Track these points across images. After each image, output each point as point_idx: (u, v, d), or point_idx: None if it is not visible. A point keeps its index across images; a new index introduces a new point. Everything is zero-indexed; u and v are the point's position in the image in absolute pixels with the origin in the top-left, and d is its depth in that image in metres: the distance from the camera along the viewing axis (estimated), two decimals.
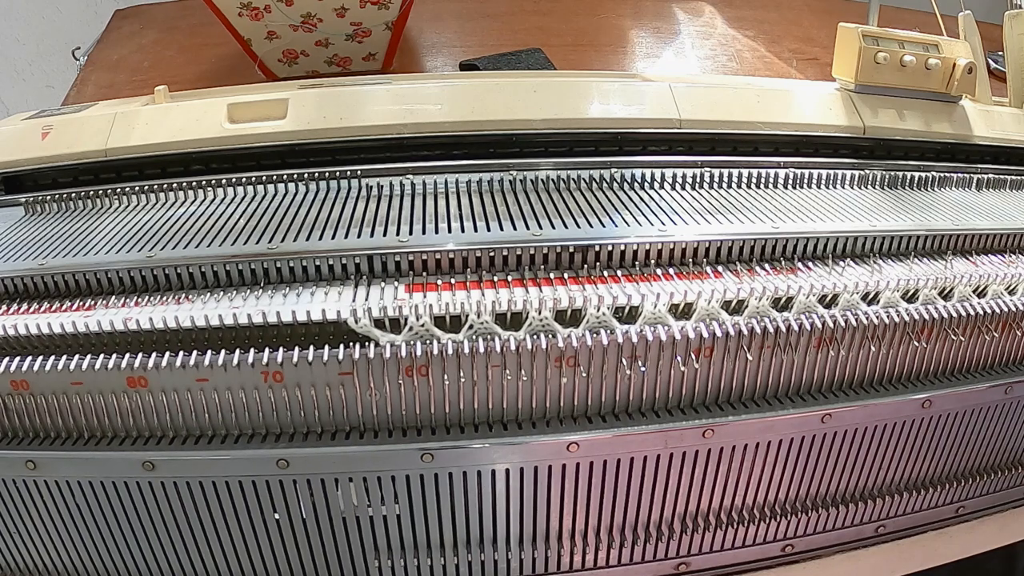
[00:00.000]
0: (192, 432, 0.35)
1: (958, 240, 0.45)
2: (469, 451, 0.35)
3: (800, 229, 0.43)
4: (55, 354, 0.35)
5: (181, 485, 0.35)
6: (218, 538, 0.37)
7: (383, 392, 0.35)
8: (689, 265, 0.42)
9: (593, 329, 0.35)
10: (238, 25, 0.77)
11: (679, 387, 0.37)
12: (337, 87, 0.55)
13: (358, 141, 0.51)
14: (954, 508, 0.45)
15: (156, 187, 0.48)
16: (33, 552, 0.38)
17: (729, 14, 1.00)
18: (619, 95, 0.54)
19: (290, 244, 0.40)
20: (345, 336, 0.35)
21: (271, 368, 0.34)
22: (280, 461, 0.34)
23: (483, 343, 0.34)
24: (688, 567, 0.41)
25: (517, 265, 0.41)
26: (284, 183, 0.48)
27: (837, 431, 0.39)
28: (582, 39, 0.94)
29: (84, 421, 0.35)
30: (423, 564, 0.38)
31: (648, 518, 0.39)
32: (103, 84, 0.87)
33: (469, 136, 0.51)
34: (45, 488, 0.36)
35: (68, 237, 0.43)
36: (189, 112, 0.52)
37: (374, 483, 0.36)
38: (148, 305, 0.38)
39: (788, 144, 0.54)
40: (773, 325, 0.36)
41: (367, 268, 0.40)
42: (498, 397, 0.36)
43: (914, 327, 0.39)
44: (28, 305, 0.39)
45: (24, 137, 0.52)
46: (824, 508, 0.41)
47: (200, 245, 0.41)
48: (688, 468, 0.38)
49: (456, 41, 0.94)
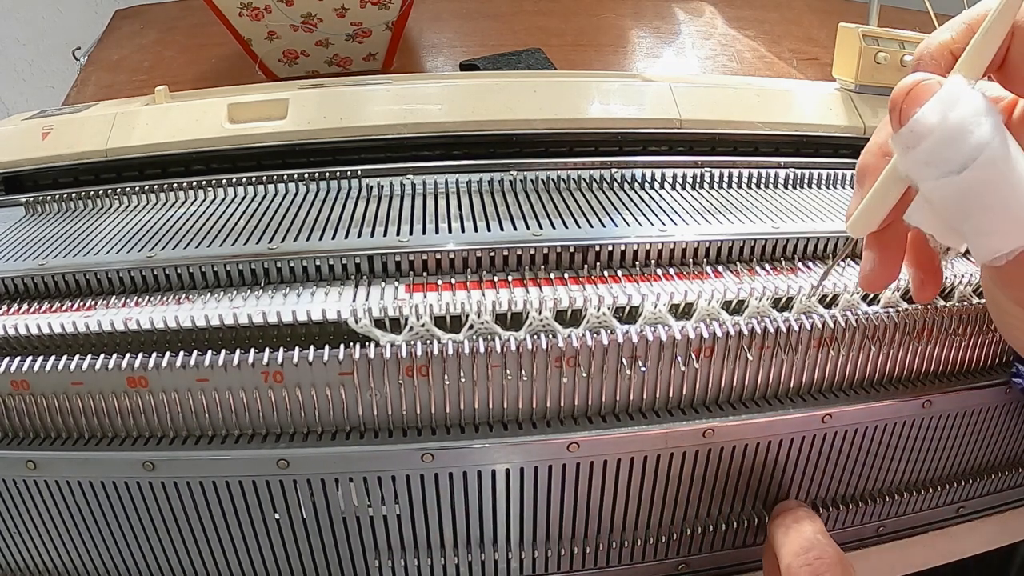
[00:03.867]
0: (192, 432, 0.35)
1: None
2: (469, 451, 0.35)
3: (800, 229, 0.43)
4: (55, 354, 0.35)
5: (181, 485, 0.35)
6: (218, 538, 0.37)
7: (383, 392, 0.35)
8: (689, 265, 0.42)
9: (593, 329, 0.35)
10: (238, 25, 0.77)
11: (679, 387, 0.37)
12: (337, 87, 0.55)
13: (358, 141, 0.51)
14: (954, 508, 0.45)
15: (156, 187, 0.48)
16: (33, 552, 0.38)
17: (729, 14, 1.00)
18: (619, 95, 0.54)
19: (290, 244, 0.41)
20: (345, 336, 0.35)
21: (271, 368, 0.34)
22: (280, 461, 0.34)
23: (483, 343, 0.34)
24: (688, 567, 0.41)
25: (517, 265, 0.41)
26: (284, 183, 0.48)
27: (837, 431, 0.39)
28: (582, 39, 0.94)
29: (84, 421, 0.35)
30: (423, 564, 0.38)
31: (648, 518, 0.39)
32: (103, 84, 0.87)
33: (469, 136, 0.51)
34: (45, 488, 0.36)
35: (68, 237, 0.43)
36: (189, 112, 0.52)
37: (374, 483, 0.36)
38: (148, 305, 0.38)
39: (788, 144, 0.54)
40: (773, 325, 0.36)
41: (367, 268, 0.40)
42: (498, 397, 0.36)
43: (914, 327, 0.39)
44: (28, 305, 0.39)
45: (24, 137, 0.52)
46: (824, 508, 0.41)
47: (200, 245, 0.41)
48: (688, 468, 0.38)
49: (456, 41, 0.94)
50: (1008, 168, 0.22)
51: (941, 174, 0.23)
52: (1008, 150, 0.23)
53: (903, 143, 0.24)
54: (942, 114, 0.23)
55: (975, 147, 0.22)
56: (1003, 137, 0.23)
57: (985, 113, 0.23)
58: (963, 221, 0.23)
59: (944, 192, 0.23)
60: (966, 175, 0.23)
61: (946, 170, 0.23)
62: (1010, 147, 0.23)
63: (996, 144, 0.22)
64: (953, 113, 0.23)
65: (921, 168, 0.24)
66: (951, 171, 0.23)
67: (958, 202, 0.23)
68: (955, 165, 0.23)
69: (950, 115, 0.23)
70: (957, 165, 0.23)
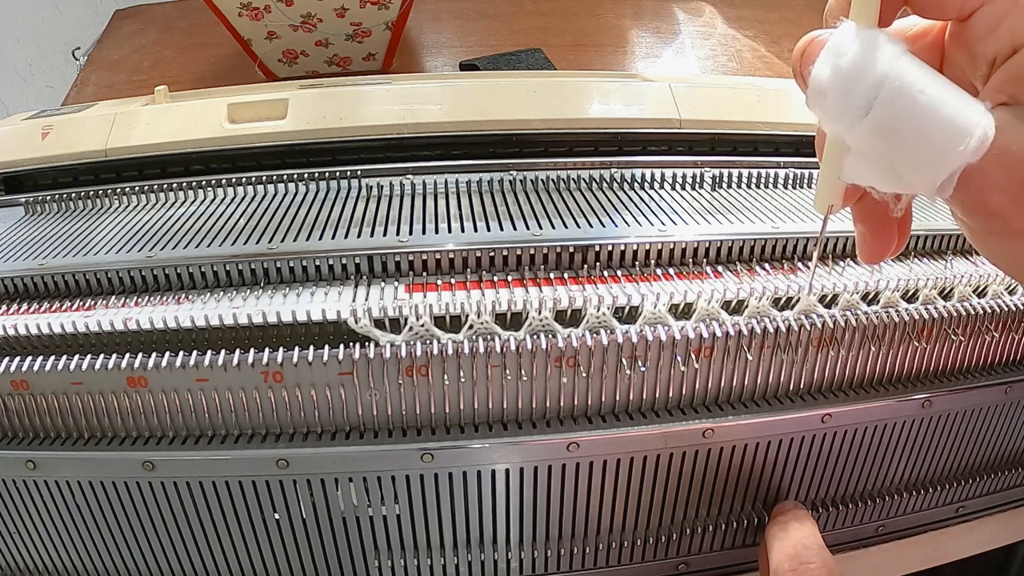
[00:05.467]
0: (192, 432, 0.35)
1: (958, 240, 0.45)
2: (469, 451, 0.35)
3: (800, 229, 0.43)
4: (55, 354, 0.35)
5: (181, 485, 0.35)
6: (218, 538, 0.37)
7: (383, 392, 0.35)
8: (689, 265, 0.42)
9: (593, 329, 0.35)
10: (238, 25, 0.77)
11: (679, 387, 0.37)
12: (337, 87, 0.55)
13: (358, 141, 0.51)
14: (954, 508, 0.45)
15: (156, 187, 0.48)
16: (33, 552, 0.38)
17: (729, 14, 1.00)
18: (619, 95, 0.54)
19: (290, 244, 0.41)
20: (345, 336, 0.35)
21: (271, 368, 0.34)
22: (280, 461, 0.34)
23: (483, 343, 0.34)
24: (688, 567, 0.41)
25: (517, 265, 0.41)
26: (284, 183, 0.48)
27: (837, 431, 0.39)
28: (582, 39, 0.94)
29: (84, 421, 0.35)
30: (423, 564, 0.38)
31: (648, 518, 0.39)
32: (103, 84, 0.87)
33: (469, 136, 0.51)
34: (45, 488, 0.36)
35: (68, 237, 0.43)
36: (189, 112, 0.52)
37: (374, 483, 0.36)
38: (148, 305, 0.38)
39: (788, 144, 0.54)
40: (773, 325, 0.36)
41: (367, 268, 0.40)
42: (498, 397, 0.36)
43: (914, 327, 0.39)
44: (28, 305, 0.39)
45: (24, 137, 0.52)
46: (823, 508, 0.41)
47: (200, 245, 0.41)
48: (687, 468, 0.38)
49: (456, 41, 0.94)
50: (915, 93, 0.22)
51: (853, 122, 0.23)
52: (912, 77, 0.22)
53: (813, 104, 0.24)
54: (833, 64, 0.23)
55: (873, 85, 0.22)
56: (906, 65, 0.22)
57: (877, 47, 0.22)
58: (892, 162, 0.23)
59: (862, 139, 0.23)
60: (873, 115, 0.22)
61: (855, 117, 0.22)
62: (915, 73, 0.22)
63: (895, 74, 0.22)
64: (843, 60, 0.22)
65: (836, 122, 0.23)
66: (860, 116, 0.22)
67: (878, 144, 0.23)
68: (860, 108, 0.22)
69: (841, 63, 0.22)
70: (862, 109, 0.22)
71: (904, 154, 0.22)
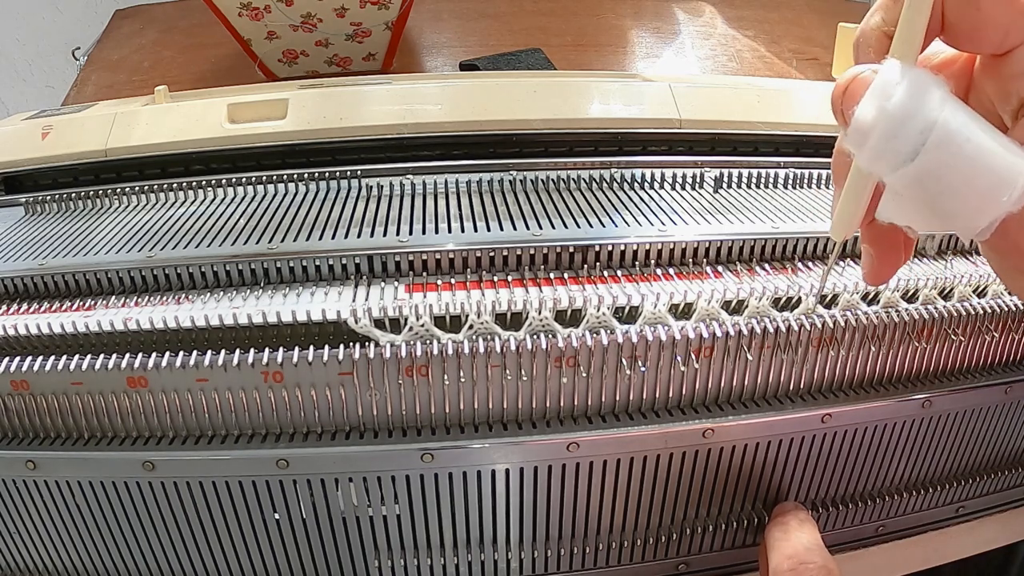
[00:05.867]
0: (192, 432, 0.35)
1: (958, 240, 0.45)
2: (469, 451, 0.35)
3: (800, 229, 0.43)
4: (55, 354, 0.35)
5: (181, 485, 0.35)
6: (218, 538, 0.37)
7: (383, 392, 0.35)
8: (689, 265, 0.42)
9: (593, 329, 0.35)
10: (238, 25, 0.77)
11: (679, 387, 0.37)
12: (337, 87, 0.55)
13: (358, 141, 0.51)
14: (954, 508, 0.45)
15: (156, 187, 0.48)
16: (33, 552, 0.38)
17: (729, 14, 1.00)
18: (619, 95, 0.54)
19: (290, 244, 0.41)
20: (345, 336, 0.35)
21: (271, 368, 0.34)
22: (280, 461, 0.34)
23: (483, 343, 0.34)
24: (688, 567, 0.41)
25: (517, 265, 0.41)
26: (284, 183, 0.48)
27: (837, 431, 0.39)
28: (582, 39, 0.94)
29: (84, 421, 0.35)
30: (423, 564, 0.38)
31: (648, 518, 0.39)
32: (103, 84, 0.87)
33: (469, 136, 0.51)
34: (45, 488, 0.36)
35: (68, 237, 0.43)
36: (189, 112, 0.52)
37: (374, 483, 0.36)
38: (148, 305, 0.38)
39: (788, 144, 0.54)
40: (773, 325, 0.36)
41: (367, 268, 0.40)
42: (498, 397, 0.36)
43: (914, 327, 0.39)
44: (28, 305, 0.39)
45: (24, 137, 0.52)
46: (824, 508, 0.41)
47: (200, 245, 0.41)
48: (688, 468, 0.38)
49: (456, 41, 0.94)
50: (962, 141, 0.21)
51: (896, 165, 0.22)
52: (959, 123, 0.22)
53: (852, 143, 0.23)
54: (879, 107, 0.22)
55: (921, 131, 0.22)
56: (951, 110, 0.22)
57: (925, 92, 0.22)
58: (933, 205, 0.23)
59: (905, 182, 0.22)
60: (920, 161, 0.22)
61: (899, 160, 0.22)
62: (961, 119, 0.22)
63: (942, 121, 0.21)
64: (890, 103, 0.22)
65: (876, 163, 0.23)
66: (904, 160, 0.22)
67: (921, 188, 0.22)
68: (906, 154, 0.22)
69: (887, 105, 0.22)
70: (908, 153, 0.22)
71: (946, 200, 0.22)
